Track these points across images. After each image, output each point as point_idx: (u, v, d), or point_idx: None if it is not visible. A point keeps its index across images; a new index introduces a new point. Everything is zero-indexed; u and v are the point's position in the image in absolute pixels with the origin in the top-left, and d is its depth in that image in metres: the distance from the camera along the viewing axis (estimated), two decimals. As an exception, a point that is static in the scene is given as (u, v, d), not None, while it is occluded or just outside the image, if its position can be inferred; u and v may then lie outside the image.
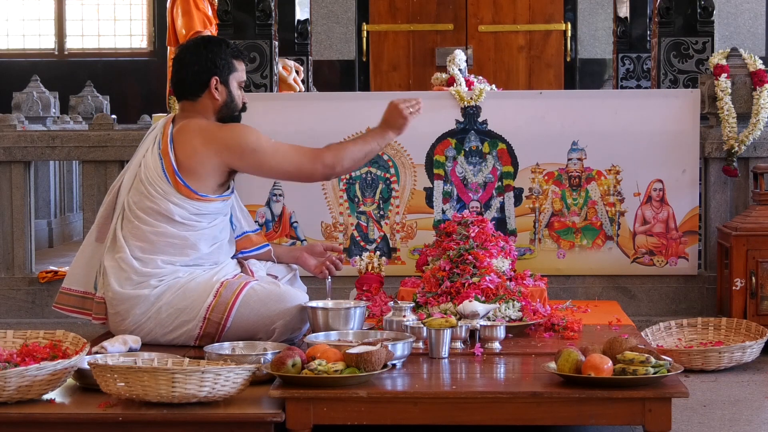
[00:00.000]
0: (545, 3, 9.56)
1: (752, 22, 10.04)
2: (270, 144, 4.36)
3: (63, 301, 4.48)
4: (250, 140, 4.31)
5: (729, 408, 4.17)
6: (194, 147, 4.26)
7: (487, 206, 5.52)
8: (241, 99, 4.46)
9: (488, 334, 4.06)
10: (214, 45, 4.42)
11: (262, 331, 4.23)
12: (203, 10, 6.92)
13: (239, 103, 4.44)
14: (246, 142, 4.30)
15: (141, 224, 4.26)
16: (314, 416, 3.47)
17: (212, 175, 4.29)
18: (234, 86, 4.41)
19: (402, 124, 4.51)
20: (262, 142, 4.33)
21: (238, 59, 4.44)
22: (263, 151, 4.32)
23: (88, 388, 3.68)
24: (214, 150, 4.27)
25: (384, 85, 9.48)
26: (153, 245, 4.25)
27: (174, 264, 4.27)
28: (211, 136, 4.29)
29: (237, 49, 4.48)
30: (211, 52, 4.38)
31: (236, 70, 4.42)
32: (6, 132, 5.77)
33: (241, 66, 4.45)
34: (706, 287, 5.50)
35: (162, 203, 4.24)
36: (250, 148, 4.31)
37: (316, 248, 4.74)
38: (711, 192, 5.52)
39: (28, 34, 12.81)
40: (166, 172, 4.25)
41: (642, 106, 5.47)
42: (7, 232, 5.74)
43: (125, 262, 4.25)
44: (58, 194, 9.14)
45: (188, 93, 4.38)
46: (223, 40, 4.50)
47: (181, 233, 4.27)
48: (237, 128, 4.37)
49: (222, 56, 4.38)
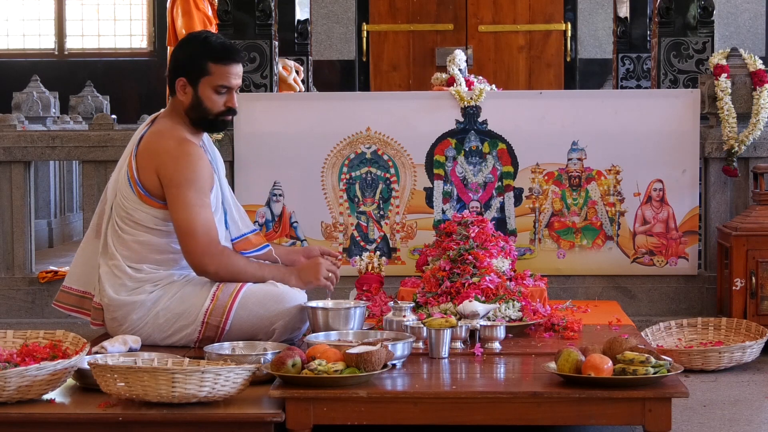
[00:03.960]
0: (545, 3, 9.56)
1: (752, 22, 10.04)
2: (192, 199, 4.12)
3: (63, 299, 4.47)
4: (180, 177, 4.13)
5: (729, 408, 4.17)
6: (143, 157, 4.21)
7: (487, 206, 5.52)
8: (221, 104, 4.23)
9: (488, 334, 4.06)
10: (192, 45, 4.28)
11: (261, 332, 4.22)
12: (203, 10, 6.92)
13: (212, 107, 4.22)
14: (175, 176, 4.14)
15: (124, 234, 4.23)
16: (314, 416, 3.47)
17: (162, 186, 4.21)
18: (205, 89, 4.21)
19: (310, 283, 4.31)
20: (188, 190, 4.12)
21: (221, 63, 4.21)
22: (182, 198, 4.13)
23: (88, 388, 3.68)
24: (154, 167, 4.19)
25: (384, 85, 9.49)
26: (138, 254, 4.23)
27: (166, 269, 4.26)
28: (155, 152, 4.19)
29: (224, 52, 4.23)
30: (184, 53, 4.27)
31: (210, 74, 4.20)
32: (6, 132, 5.77)
33: (224, 70, 4.21)
34: (706, 287, 5.50)
35: (133, 211, 4.21)
36: (175, 183, 4.15)
37: (312, 252, 4.69)
38: (711, 192, 5.52)
39: (28, 34, 12.81)
40: (129, 180, 4.22)
41: (642, 106, 5.48)
42: (7, 232, 5.73)
43: (118, 269, 4.23)
44: (58, 194, 9.14)
45: (170, 89, 4.34)
46: (209, 41, 4.27)
47: (161, 240, 4.22)
48: (182, 158, 4.16)
49: (194, 57, 4.22)
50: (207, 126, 4.31)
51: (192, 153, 4.21)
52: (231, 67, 4.24)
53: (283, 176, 5.53)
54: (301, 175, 5.53)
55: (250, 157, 5.52)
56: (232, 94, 4.27)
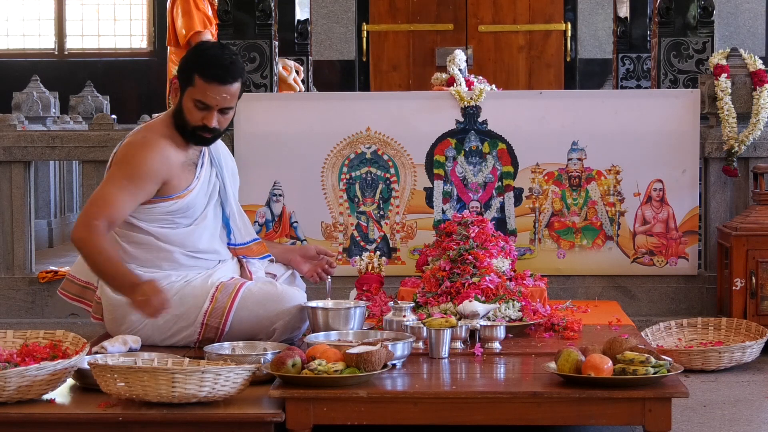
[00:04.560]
0: (545, 3, 9.56)
1: (752, 22, 10.04)
2: (117, 178, 4.10)
3: (66, 287, 4.49)
4: (121, 158, 4.15)
5: (729, 408, 4.17)
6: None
7: (487, 206, 5.52)
8: (199, 119, 4.15)
9: (488, 334, 4.06)
10: (193, 52, 4.24)
11: (262, 332, 4.22)
12: (203, 10, 6.91)
13: (190, 119, 4.16)
14: (119, 158, 4.17)
15: (115, 235, 4.25)
16: (314, 416, 3.47)
17: None
18: (188, 100, 4.15)
19: (140, 306, 3.97)
20: (119, 170, 4.13)
21: (205, 79, 4.11)
22: (110, 174, 4.15)
23: (88, 388, 3.68)
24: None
25: (384, 85, 9.48)
26: (128, 254, 4.23)
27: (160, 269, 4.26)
28: (122, 144, 4.24)
29: (212, 69, 4.12)
30: (185, 57, 4.24)
31: (194, 86, 4.13)
32: (6, 132, 5.77)
33: (206, 86, 4.11)
34: (706, 287, 5.50)
35: None
36: (115, 162, 4.18)
37: (309, 251, 4.69)
38: (711, 192, 5.52)
39: (28, 34, 12.81)
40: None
41: (642, 106, 5.48)
42: (7, 232, 5.73)
43: None
44: (58, 194, 9.14)
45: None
46: (205, 54, 4.19)
47: (148, 238, 4.21)
48: (134, 145, 4.18)
49: (187, 64, 4.18)
50: (186, 135, 4.23)
51: (147, 144, 4.17)
52: (214, 86, 4.13)
53: (283, 176, 5.53)
54: (301, 175, 5.53)
55: (250, 157, 5.52)
56: (211, 113, 4.15)
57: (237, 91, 4.20)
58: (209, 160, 4.37)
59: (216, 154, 4.42)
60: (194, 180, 4.27)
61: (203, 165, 4.33)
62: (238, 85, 4.19)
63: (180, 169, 4.22)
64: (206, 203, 4.33)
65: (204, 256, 4.33)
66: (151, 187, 4.16)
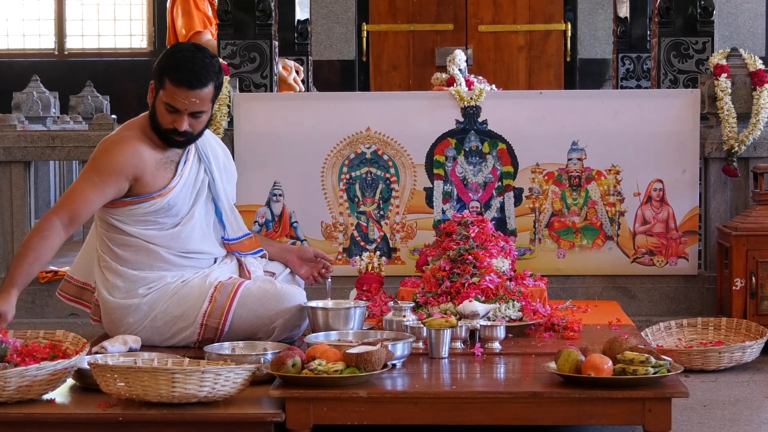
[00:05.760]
0: (545, 3, 9.55)
1: (752, 22, 10.03)
2: (87, 173, 4.13)
3: (65, 288, 4.50)
4: (95, 154, 4.18)
5: (729, 408, 4.17)
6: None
7: (487, 206, 5.52)
8: (170, 122, 4.12)
9: (488, 334, 4.06)
10: (165, 54, 4.19)
11: (261, 331, 4.22)
12: (203, 10, 6.91)
13: (161, 121, 4.13)
14: (93, 155, 4.19)
15: (104, 237, 4.25)
16: (314, 416, 3.47)
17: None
18: (159, 102, 4.12)
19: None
20: (89, 167, 4.15)
21: (174, 83, 4.07)
22: (83, 171, 4.18)
23: (88, 388, 3.68)
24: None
25: (384, 85, 9.48)
26: (119, 257, 4.23)
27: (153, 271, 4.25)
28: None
29: (180, 73, 4.08)
30: (159, 59, 4.18)
31: (164, 89, 4.10)
32: (6, 132, 5.77)
33: (175, 91, 4.08)
34: (706, 287, 5.50)
35: (101, 212, 4.22)
36: (90, 158, 4.20)
37: (306, 253, 4.65)
38: (711, 192, 5.52)
39: (28, 34, 12.80)
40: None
41: (642, 106, 5.48)
42: (7, 232, 5.73)
43: (109, 271, 4.24)
44: (58, 194, 9.14)
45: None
46: (175, 57, 4.14)
47: (137, 240, 4.20)
48: (104, 142, 4.21)
49: (160, 67, 4.13)
50: (159, 137, 4.20)
51: (120, 141, 4.18)
52: (182, 91, 4.08)
53: (283, 176, 5.53)
54: (301, 175, 5.53)
55: (250, 157, 5.52)
56: (182, 117, 4.11)
57: (209, 95, 4.13)
58: (196, 156, 4.32)
59: (203, 149, 4.36)
60: (175, 178, 4.23)
61: (187, 162, 4.28)
62: (210, 89, 4.13)
63: (155, 167, 4.19)
64: (192, 202, 4.29)
65: (197, 256, 4.32)
66: (121, 183, 4.13)
